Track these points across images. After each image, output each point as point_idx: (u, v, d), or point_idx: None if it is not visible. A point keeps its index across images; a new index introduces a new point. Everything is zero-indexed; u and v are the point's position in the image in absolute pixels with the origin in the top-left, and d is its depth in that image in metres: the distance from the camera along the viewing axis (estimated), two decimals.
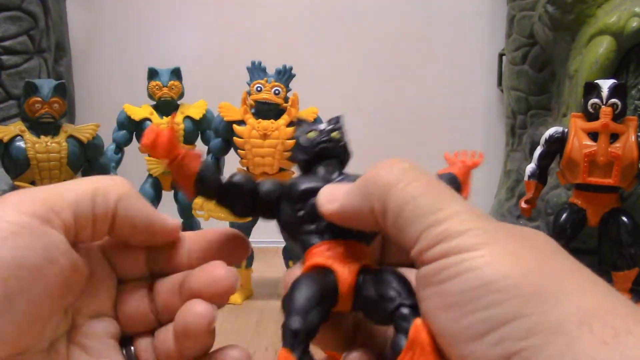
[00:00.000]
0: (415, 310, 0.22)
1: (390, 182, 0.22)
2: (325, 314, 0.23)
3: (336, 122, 0.30)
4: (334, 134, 0.29)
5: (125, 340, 0.27)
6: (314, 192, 0.25)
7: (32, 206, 0.22)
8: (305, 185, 0.26)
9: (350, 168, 0.30)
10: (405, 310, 0.22)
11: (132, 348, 0.27)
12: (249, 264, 0.72)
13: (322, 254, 0.24)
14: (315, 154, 0.28)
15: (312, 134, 0.28)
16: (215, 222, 0.61)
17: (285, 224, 0.27)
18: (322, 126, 0.29)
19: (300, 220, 0.26)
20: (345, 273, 0.23)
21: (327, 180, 0.26)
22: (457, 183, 0.28)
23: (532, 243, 0.21)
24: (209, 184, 0.25)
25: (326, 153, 0.28)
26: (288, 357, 0.21)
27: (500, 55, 1.00)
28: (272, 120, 0.63)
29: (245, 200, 0.26)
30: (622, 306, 0.19)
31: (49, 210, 0.22)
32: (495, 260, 0.20)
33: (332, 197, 0.24)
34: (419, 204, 0.22)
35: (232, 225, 0.65)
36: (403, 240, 0.22)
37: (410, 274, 0.23)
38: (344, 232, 0.25)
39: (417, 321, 0.21)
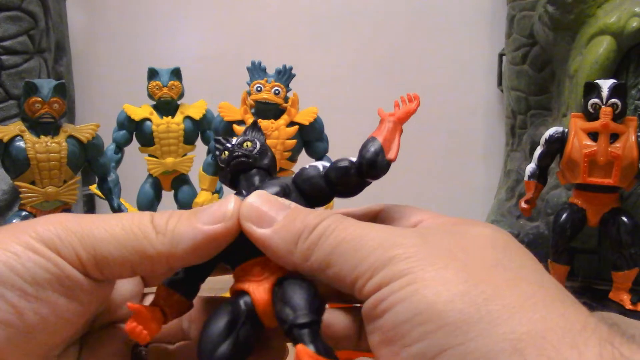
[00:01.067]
0: (311, 327, 0.21)
1: (309, 245, 0.22)
2: (245, 342, 0.23)
3: (248, 131, 0.29)
4: (246, 145, 0.28)
5: (138, 349, 0.27)
6: None
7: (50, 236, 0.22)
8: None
9: None
10: (295, 332, 0.21)
11: (145, 351, 0.27)
12: None
13: (239, 276, 0.24)
14: (233, 173, 0.28)
15: (225, 154, 0.28)
16: None
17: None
18: (232, 142, 0.28)
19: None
20: (259, 292, 0.23)
21: (245, 194, 0.25)
22: (377, 148, 0.26)
23: (467, 254, 0.21)
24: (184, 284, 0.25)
25: (243, 167, 0.27)
26: None
27: (500, 55, 1.00)
28: (272, 120, 0.63)
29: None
30: (564, 325, 0.18)
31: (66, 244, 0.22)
32: (422, 288, 0.19)
33: (257, 218, 0.23)
34: (346, 253, 0.21)
35: None
36: (343, 288, 0.22)
37: None
38: (254, 251, 0.24)
39: (299, 349, 0.21)
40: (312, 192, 0.26)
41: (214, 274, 0.26)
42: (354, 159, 0.26)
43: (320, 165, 0.27)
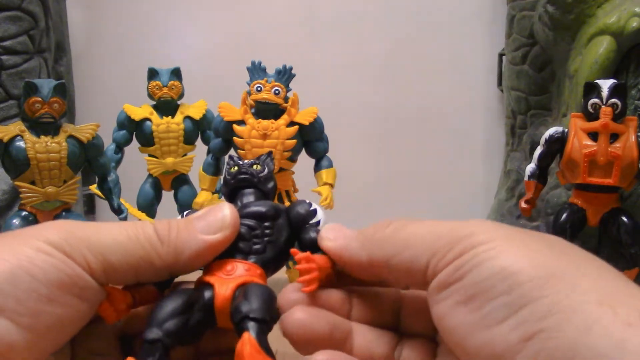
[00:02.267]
0: (260, 324, 0.22)
1: (385, 237, 0.24)
2: (193, 327, 0.24)
3: (262, 157, 0.32)
4: (256, 167, 0.31)
5: (127, 338, 0.28)
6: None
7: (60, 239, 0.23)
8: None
9: (351, 168, 0.30)
10: (245, 324, 0.22)
11: (132, 342, 0.28)
12: None
13: (210, 270, 0.26)
14: (234, 186, 0.30)
15: (234, 169, 0.31)
16: None
17: None
18: (245, 161, 0.31)
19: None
20: (222, 289, 0.25)
21: (239, 206, 0.28)
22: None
23: (540, 236, 0.22)
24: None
25: (245, 184, 0.30)
26: None
27: (500, 55, 1.00)
28: (272, 120, 0.63)
29: None
30: (635, 292, 0.19)
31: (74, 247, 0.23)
32: (506, 250, 0.20)
33: (335, 236, 0.25)
34: (423, 236, 0.22)
35: None
36: (412, 273, 0.22)
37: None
38: (238, 252, 0.26)
39: (245, 336, 0.22)
40: (296, 226, 0.28)
41: None
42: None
43: (319, 214, 0.29)
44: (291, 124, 0.64)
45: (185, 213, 0.29)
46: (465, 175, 1.07)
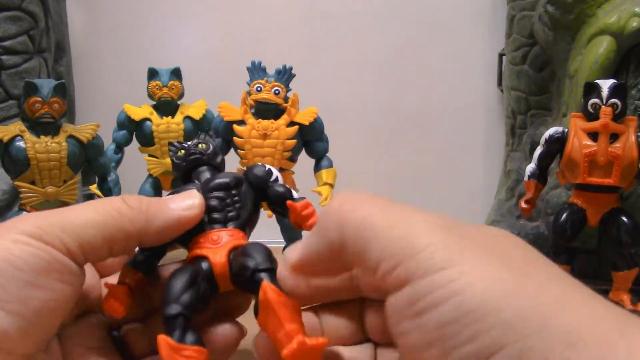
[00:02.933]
0: (270, 273, 0.25)
1: (342, 209, 0.22)
2: (202, 296, 0.26)
3: (201, 137, 0.34)
4: (201, 146, 0.33)
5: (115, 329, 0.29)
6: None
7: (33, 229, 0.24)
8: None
9: (351, 168, 0.30)
10: (257, 276, 0.25)
11: (120, 332, 0.29)
12: None
13: (197, 245, 0.28)
14: (188, 167, 0.32)
15: (181, 152, 0.33)
16: None
17: (178, 241, 0.29)
18: (189, 143, 0.33)
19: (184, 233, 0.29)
20: (216, 257, 0.27)
21: (197, 185, 0.30)
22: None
23: (504, 251, 0.20)
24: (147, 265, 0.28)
25: (197, 163, 0.32)
26: (167, 340, 0.23)
27: (500, 55, 1.00)
28: (272, 120, 0.63)
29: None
30: (608, 315, 0.18)
31: (48, 233, 0.24)
32: (471, 283, 0.18)
33: (292, 251, 0.25)
34: (374, 222, 0.21)
35: None
36: (365, 266, 0.21)
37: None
38: (216, 223, 0.29)
39: (264, 284, 0.24)
40: (258, 188, 0.31)
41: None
42: (291, 194, 0.31)
43: (274, 172, 0.32)
44: (291, 124, 0.64)
45: None
46: (465, 175, 1.07)
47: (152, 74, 0.74)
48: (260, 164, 0.32)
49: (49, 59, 0.92)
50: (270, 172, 0.32)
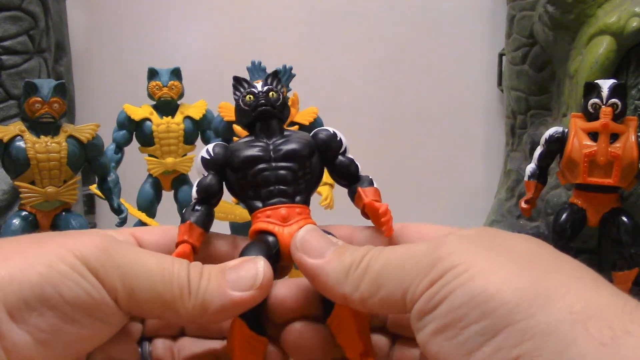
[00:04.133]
0: None
1: (359, 276, 0.23)
2: (273, 263, 0.26)
3: (272, 80, 0.31)
4: (272, 95, 0.30)
5: (143, 338, 0.28)
6: (252, 160, 0.28)
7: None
8: (245, 154, 0.28)
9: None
10: None
11: (148, 346, 0.28)
12: None
13: (263, 219, 0.28)
14: (254, 118, 0.30)
15: (248, 98, 0.30)
16: (215, 222, 0.61)
17: (230, 189, 0.29)
18: (258, 87, 0.30)
19: (243, 187, 0.29)
20: (284, 235, 0.27)
21: (267, 146, 0.29)
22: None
23: (508, 248, 0.22)
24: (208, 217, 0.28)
25: (265, 116, 0.30)
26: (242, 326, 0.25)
27: (500, 55, 1.00)
28: None
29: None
30: (617, 302, 0.19)
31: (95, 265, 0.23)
32: (478, 273, 0.20)
33: (310, 250, 0.25)
34: (396, 269, 0.22)
35: (232, 225, 0.65)
36: (390, 308, 0.23)
37: None
38: (285, 196, 0.28)
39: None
40: (325, 154, 0.30)
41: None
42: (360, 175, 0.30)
43: (341, 139, 0.30)
44: (291, 124, 0.64)
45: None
46: (465, 175, 1.07)
47: (152, 74, 0.74)
48: (326, 128, 0.30)
49: (49, 59, 0.92)
50: (338, 140, 0.30)
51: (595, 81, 0.63)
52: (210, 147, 0.29)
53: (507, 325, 0.19)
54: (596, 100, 0.62)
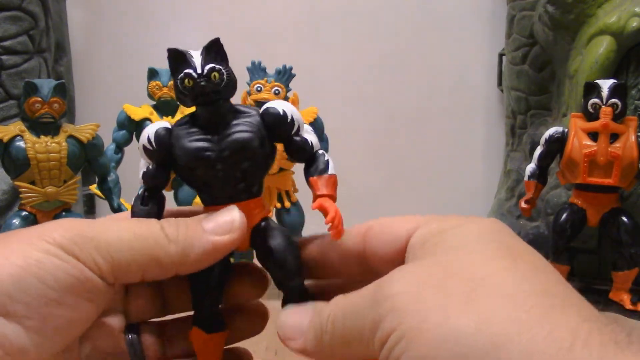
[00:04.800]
0: (299, 288, 0.27)
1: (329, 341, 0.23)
2: (221, 282, 0.28)
3: (213, 54, 0.28)
4: (214, 76, 0.27)
5: (129, 326, 0.28)
6: (196, 160, 0.26)
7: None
8: (187, 152, 0.26)
9: (350, 168, 0.30)
10: (287, 289, 0.27)
11: (135, 336, 0.28)
12: None
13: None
14: (194, 104, 0.27)
15: (187, 82, 0.27)
16: None
17: (179, 176, 0.28)
18: (197, 67, 0.27)
19: (189, 182, 0.28)
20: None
21: (212, 139, 0.26)
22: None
23: (466, 273, 0.20)
24: None
25: (209, 100, 0.27)
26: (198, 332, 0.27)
27: (500, 55, 1.00)
28: None
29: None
30: (554, 330, 0.17)
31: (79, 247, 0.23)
32: (414, 337, 0.19)
33: (294, 334, 0.25)
34: (346, 326, 0.22)
35: None
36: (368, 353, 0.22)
37: None
38: (234, 197, 0.26)
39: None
40: (277, 135, 0.27)
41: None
42: (316, 151, 0.28)
43: (293, 117, 0.27)
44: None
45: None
46: (465, 175, 1.07)
47: (152, 74, 0.74)
48: (274, 106, 0.27)
49: (49, 59, 0.92)
50: (289, 121, 0.27)
51: (595, 81, 0.63)
52: (151, 132, 0.27)
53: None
54: (596, 100, 0.62)
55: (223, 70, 0.28)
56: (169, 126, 0.27)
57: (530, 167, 0.66)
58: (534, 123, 0.88)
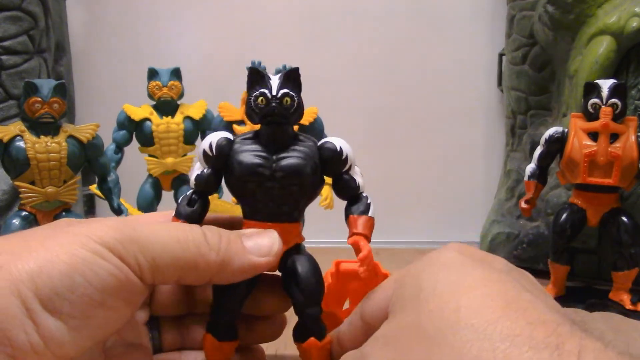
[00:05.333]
0: (316, 315, 0.29)
1: None
2: (247, 293, 0.29)
3: (290, 81, 0.29)
4: (285, 101, 0.28)
5: (151, 321, 0.29)
6: (251, 174, 0.27)
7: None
8: (245, 165, 0.28)
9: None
10: (306, 316, 0.29)
11: (157, 332, 0.30)
12: None
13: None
14: (264, 122, 0.29)
15: (260, 101, 0.28)
16: None
17: (227, 185, 0.29)
18: (273, 91, 0.28)
19: (238, 193, 0.29)
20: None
21: (269, 158, 0.28)
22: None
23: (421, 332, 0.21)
24: None
25: (276, 123, 0.28)
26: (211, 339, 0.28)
27: (500, 55, 1.00)
28: None
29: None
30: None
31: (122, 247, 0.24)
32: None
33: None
34: None
35: None
36: None
37: None
38: (276, 216, 0.28)
39: (310, 341, 0.28)
40: (329, 169, 0.29)
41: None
42: (360, 193, 0.30)
43: (348, 156, 0.29)
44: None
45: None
46: (465, 175, 1.07)
47: (152, 74, 0.74)
48: (332, 142, 0.29)
49: (49, 59, 0.92)
50: (343, 159, 0.29)
51: (595, 81, 0.62)
52: (214, 140, 0.28)
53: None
54: (596, 100, 0.62)
55: (295, 98, 0.29)
56: (231, 138, 0.29)
57: (530, 167, 0.66)
58: (534, 123, 0.88)
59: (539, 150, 0.66)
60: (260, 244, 0.27)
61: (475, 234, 0.91)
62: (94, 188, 0.69)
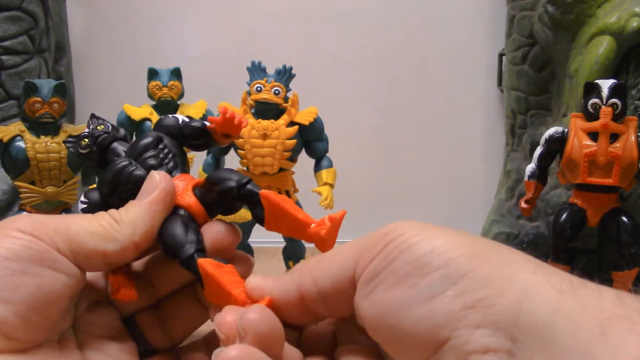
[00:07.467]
0: (251, 182, 0.29)
1: (312, 264, 0.26)
2: (196, 231, 0.28)
3: (90, 122, 0.34)
4: (100, 127, 0.34)
5: (127, 318, 0.30)
6: (125, 179, 0.30)
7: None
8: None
9: (351, 168, 0.30)
10: (246, 188, 0.28)
11: (136, 328, 0.29)
12: None
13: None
14: (100, 150, 0.33)
15: (85, 142, 0.33)
16: None
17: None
18: (85, 131, 0.34)
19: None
20: (185, 200, 0.29)
21: (125, 157, 0.32)
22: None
23: (458, 230, 0.23)
24: None
25: (108, 142, 0.33)
26: (209, 261, 0.26)
27: (500, 55, 1.00)
28: (272, 120, 0.63)
29: None
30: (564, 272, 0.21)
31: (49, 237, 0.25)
32: (431, 235, 0.22)
33: (264, 279, 0.26)
34: (347, 248, 0.24)
35: None
36: (341, 286, 0.23)
37: None
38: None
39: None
40: (174, 135, 0.33)
41: None
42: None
43: (180, 117, 0.34)
44: (291, 124, 0.64)
45: None
46: (465, 175, 1.07)
47: (152, 74, 0.74)
48: (170, 116, 0.34)
49: (49, 59, 0.92)
50: (176, 118, 0.33)
51: (595, 81, 0.63)
52: None
53: (470, 271, 0.20)
54: (596, 100, 0.62)
55: (106, 123, 0.34)
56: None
57: (530, 167, 0.66)
58: (534, 123, 0.88)
59: (539, 150, 0.66)
60: (146, 186, 0.28)
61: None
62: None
